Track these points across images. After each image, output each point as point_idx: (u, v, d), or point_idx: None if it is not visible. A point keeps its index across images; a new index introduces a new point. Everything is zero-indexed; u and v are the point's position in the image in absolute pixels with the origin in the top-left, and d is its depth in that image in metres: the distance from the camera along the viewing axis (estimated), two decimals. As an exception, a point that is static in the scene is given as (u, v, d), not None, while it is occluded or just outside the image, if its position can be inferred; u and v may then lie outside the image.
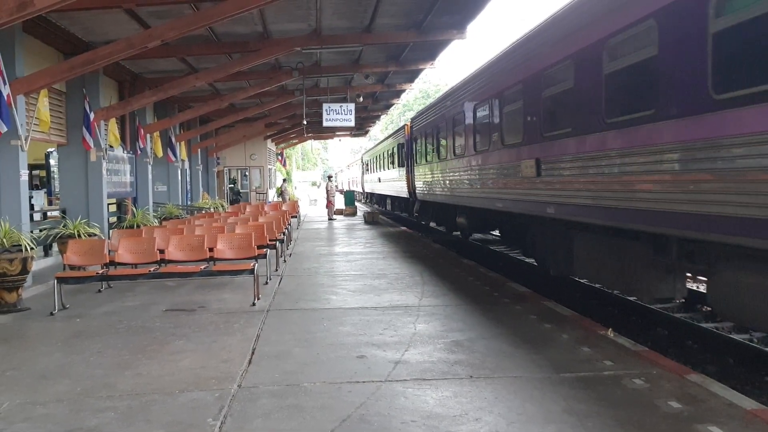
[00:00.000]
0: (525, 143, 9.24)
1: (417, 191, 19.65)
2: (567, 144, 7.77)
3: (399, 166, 23.05)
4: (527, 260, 11.89)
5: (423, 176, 18.37)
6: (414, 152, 19.91)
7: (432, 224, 21.26)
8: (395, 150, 24.03)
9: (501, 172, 10.51)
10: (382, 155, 28.94)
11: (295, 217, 22.36)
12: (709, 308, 8.98)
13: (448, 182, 14.84)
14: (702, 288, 9.60)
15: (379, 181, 30.34)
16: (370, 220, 24.16)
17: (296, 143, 48.75)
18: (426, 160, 17.72)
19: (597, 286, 10.07)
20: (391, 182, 25.60)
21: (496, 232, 15.05)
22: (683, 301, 6.56)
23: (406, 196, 22.20)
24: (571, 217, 7.81)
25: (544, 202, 8.60)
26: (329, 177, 31.48)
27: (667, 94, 5.68)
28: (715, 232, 5.12)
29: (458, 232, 17.32)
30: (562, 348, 5.94)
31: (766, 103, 4.54)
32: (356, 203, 33.15)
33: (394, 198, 27.81)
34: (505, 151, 10.21)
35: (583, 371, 5.19)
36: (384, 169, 28.06)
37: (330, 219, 26.34)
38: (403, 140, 22.06)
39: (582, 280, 10.51)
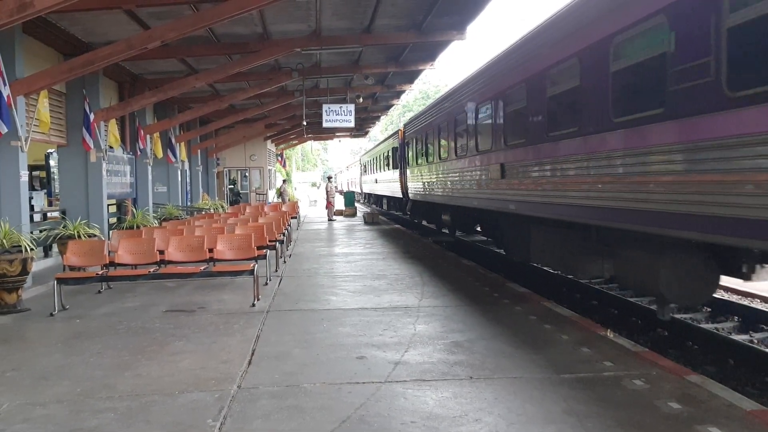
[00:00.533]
0: (493, 150, 10.87)
1: (409, 192, 21.13)
2: (523, 151, 9.33)
3: (393, 168, 24.59)
4: (497, 250, 13.47)
5: (414, 178, 19.83)
6: (406, 155, 21.35)
7: (423, 222, 22.63)
8: (390, 153, 25.60)
9: (476, 175, 12.10)
10: (378, 158, 30.49)
11: (295, 217, 22.36)
12: (709, 309, 9.02)
13: (435, 183, 16.45)
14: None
15: (376, 182, 31.97)
16: (370, 220, 24.17)
17: (296, 144, 48.75)
18: (417, 163, 19.25)
19: (549, 269, 11.84)
20: (387, 183, 27.23)
21: (486, 233, 16.10)
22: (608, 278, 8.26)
23: (399, 196, 23.64)
24: (527, 212, 9.36)
25: (507, 200, 10.16)
26: (329, 178, 31.48)
27: (581, 119, 7.39)
28: (616, 221, 6.71)
29: (446, 230, 18.51)
30: (561, 349, 5.94)
31: (636, 127, 6.17)
32: (356, 204, 33.23)
33: (389, 198, 29.61)
34: (478, 156, 11.87)
35: (583, 372, 5.19)
36: (380, 171, 29.71)
37: (330, 220, 26.34)
38: (397, 144, 23.52)
39: (547, 268, 11.71)
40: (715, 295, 8.60)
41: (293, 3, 11.32)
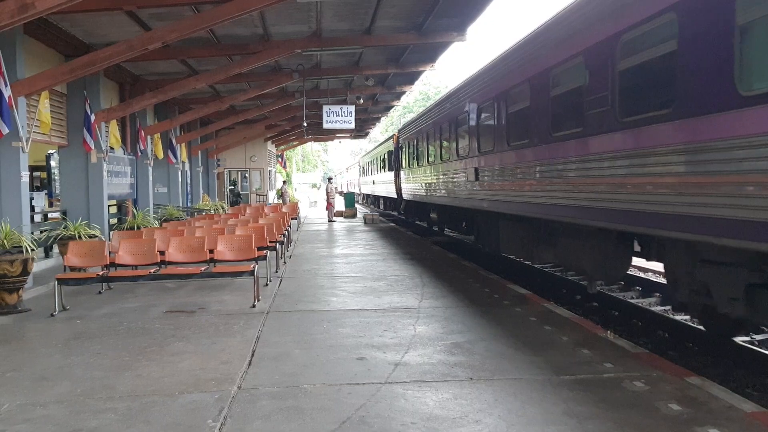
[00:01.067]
0: (469, 156, 12.64)
1: (403, 192, 23.15)
2: (491, 158, 11.14)
3: (388, 170, 26.27)
4: (469, 240, 14.99)
5: (407, 180, 21.82)
6: (400, 159, 23.28)
7: (417, 221, 24.51)
8: (386, 156, 27.28)
9: (456, 177, 13.88)
10: (375, 160, 32.41)
11: (295, 218, 22.37)
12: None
13: (424, 185, 18.42)
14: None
15: (374, 184, 34.05)
16: (370, 221, 24.17)
17: (296, 145, 48.78)
18: (409, 166, 21.17)
19: (515, 257, 13.67)
20: (383, 184, 29.20)
21: (469, 230, 17.28)
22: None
23: (394, 196, 25.72)
24: (495, 209, 11.14)
25: (481, 199, 11.96)
26: (329, 179, 31.52)
27: (531, 133, 9.19)
28: (552, 215, 8.47)
29: (436, 227, 20.46)
30: (562, 350, 5.94)
31: (564, 142, 8.00)
32: (356, 205, 33.34)
33: (385, 198, 31.90)
34: (458, 161, 13.61)
35: (583, 373, 5.20)
36: (377, 173, 31.64)
37: (330, 221, 26.35)
38: (391, 148, 25.31)
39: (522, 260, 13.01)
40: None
41: (294, 4, 11.31)
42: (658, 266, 9.03)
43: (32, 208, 13.04)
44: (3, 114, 9.44)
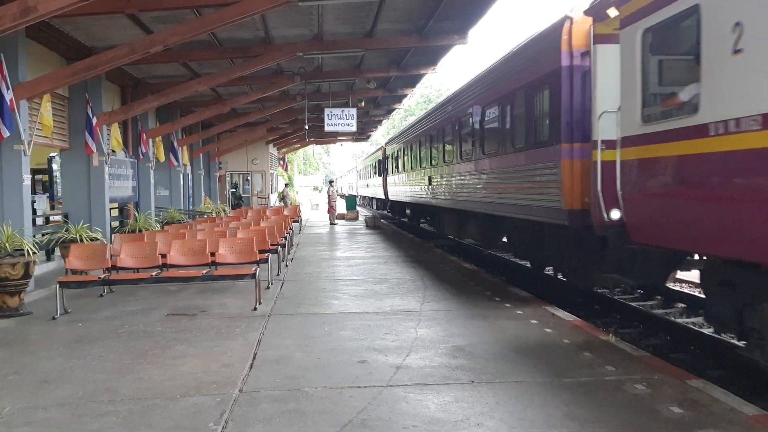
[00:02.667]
0: (426, 167, 17.97)
1: (389, 194, 28.13)
2: (435, 170, 16.59)
3: (378, 176, 31.07)
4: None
5: (391, 184, 26.85)
6: (386, 167, 28.11)
7: (403, 219, 28.99)
8: (376, 164, 32.26)
9: (419, 183, 19.39)
10: (369, 167, 37.46)
11: (297, 221, 22.37)
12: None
13: (402, 188, 23.73)
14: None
15: (368, 187, 38.76)
16: (371, 224, 24.17)
17: (298, 148, 48.82)
18: (393, 173, 26.30)
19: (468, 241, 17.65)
20: (375, 187, 34.14)
21: (431, 223, 22.89)
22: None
23: (383, 197, 30.82)
24: (440, 205, 16.51)
25: (433, 199, 17.24)
26: (330, 182, 31.55)
27: (459, 152, 13.98)
28: (468, 208, 13.28)
29: (412, 221, 25.90)
30: (563, 353, 5.94)
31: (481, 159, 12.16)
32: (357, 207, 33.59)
33: (377, 199, 37.25)
34: (420, 170, 19.09)
35: (585, 376, 5.19)
36: (370, 178, 36.47)
37: (332, 223, 26.34)
38: (381, 157, 30.24)
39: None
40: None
41: (295, 7, 11.32)
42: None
43: (34, 211, 13.08)
44: (5, 117, 9.46)
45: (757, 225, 4.70)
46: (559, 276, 10.70)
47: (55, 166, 18.75)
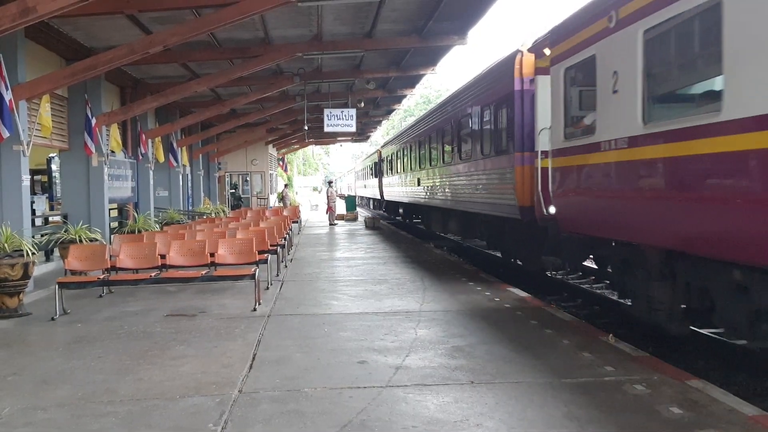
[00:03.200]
0: (415, 170, 20.16)
1: (384, 195, 30.65)
2: (422, 173, 18.64)
3: (375, 177, 33.39)
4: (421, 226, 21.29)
5: (386, 185, 29.13)
6: (382, 170, 30.43)
7: (397, 218, 31.17)
8: (372, 166, 34.89)
9: (409, 184, 21.62)
10: (366, 169, 40.11)
11: (296, 222, 22.36)
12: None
13: (395, 188, 25.93)
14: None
15: (365, 188, 41.02)
16: (371, 225, 24.16)
17: (297, 148, 48.81)
18: (387, 175, 28.52)
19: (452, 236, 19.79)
20: (371, 188, 36.49)
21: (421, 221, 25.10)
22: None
23: (379, 197, 33.73)
24: (428, 203, 18.55)
25: (422, 198, 19.20)
26: (329, 183, 31.55)
27: (434, 158, 17.02)
28: (447, 206, 15.91)
29: (405, 219, 28.37)
30: (563, 353, 5.94)
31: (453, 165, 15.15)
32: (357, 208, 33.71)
33: (373, 199, 39.73)
34: (410, 172, 21.24)
35: (584, 377, 5.19)
36: (367, 179, 38.95)
37: (331, 224, 26.33)
38: (376, 160, 32.59)
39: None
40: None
41: (295, 8, 11.33)
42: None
43: (33, 212, 13.06)
44: (4, 117, 9.45)
45: (636, 216, 6.37)
46: (519, 262, 12.69)
47: (54, 167, 18.73)
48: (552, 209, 8.55)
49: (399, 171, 24.08)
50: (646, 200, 6.15)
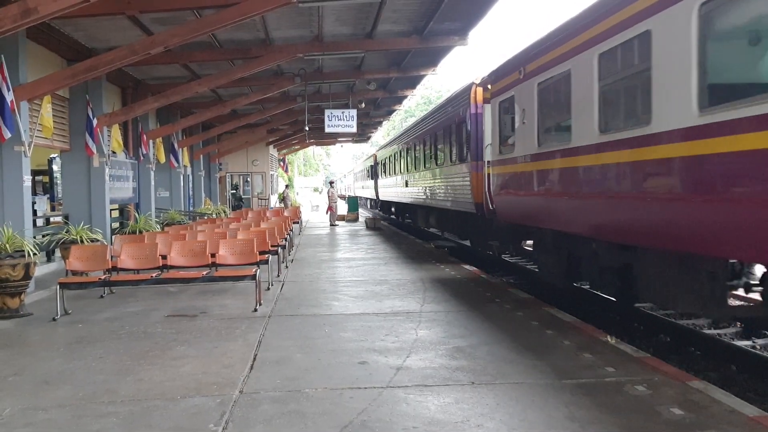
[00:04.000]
0: (404, 173, 22.82)
1: (379, 195, 33.43)
2: (411, 176, 20.97)
3: (371, 179, 36.54)
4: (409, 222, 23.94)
5: (381, 186, 32.07)
6: (377, 172, 33.18)
7: (391, 216, 33.49)
8: (369, 169, 37.74)
9: (399, 185, 24.50)
10: (363, 171, 43.22)
11: (297, 222, 22.37)
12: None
13: (388, 190, 28.94)
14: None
15: (363, 188, 44.00)
16: (371, 225, 24.17)
17: (298, 149, 48.83)
18: (382, 177, 31.31)
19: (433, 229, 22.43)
20: (368, 189, 39.32)
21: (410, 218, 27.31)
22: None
23: (375, 198, 36.31)
24: (412, 202, 21.49)
25: (411, 198, 21.51)
26: (331, 183, 31.54)
27: (418, 163, 20.05)
28: (430, 204, 18.39)
29: (399, 218, 30.26)
30: (563, 354, 5.93)
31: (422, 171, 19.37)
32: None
33: (371, 200, 41.79)
34: (400, 176, 23.80)
35: (585, 378, 5.19)
36: (365, 180, 41.84)
37: (332, 225, 26.34)
38: (372, 163, 35.86)
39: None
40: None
41: (296, 9, 11.34)
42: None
43: (34, 212, 13.08)
44: (5, 118, 9.46)
45: (538, 209, 9.10)
46: (480, 248, 15.62)
47: (55, 168, 18.76)
48: (492, 205, 11.48)
49: (391, 174, 27.37)
50: (542, 197, 8.89)
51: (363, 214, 34.90)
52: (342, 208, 32.51)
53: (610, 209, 6.92)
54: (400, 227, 25.85)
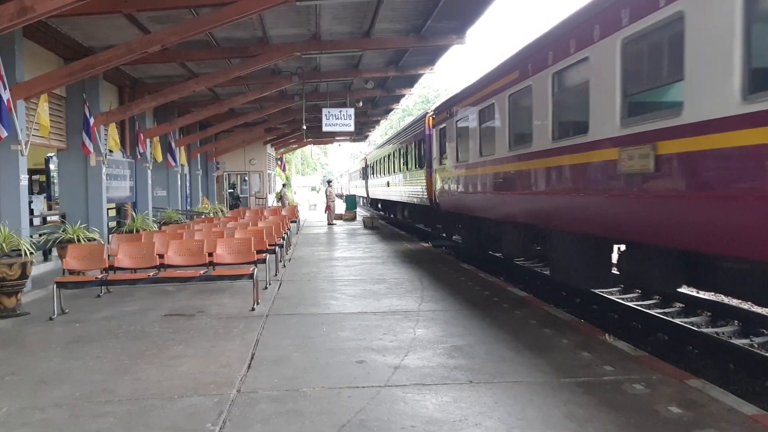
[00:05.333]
0: (390, 173, 26.27)
1: (369, 193, 37.48)
2: (391, 178, 26.24)
3: (362, 179, 40.83)
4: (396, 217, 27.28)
5: (371, 185, 35.92)
6: (368, 172, 37.17)
7: (382, 213, 36.38)
8: (361, 170, 42.17)
9: (384, 185, 28.50)
10: (357, 171, 48.05)
11: (295, 221, 22.35)
12: (709, 313, 9.01)
13: (376, 189, 33.18)
14: (702, 294, 9.61)
15: (356, 187, 48.20)
16: (369, 225, 24.16)
17: (296, 148, 48.77)
18: (372, 176, 35.01)
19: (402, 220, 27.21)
20: (360, 188, 43.61)
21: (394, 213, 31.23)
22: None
23: (366, 196, 40.19)
24: (395, 200, 26.17)
25: (395, 195, 25.37)
26: (329, 182, 31.52)
27: (392, 167, 26.11)
28: (405, 200, 23.53)
29: (388, 214, 33.49)
30: (562, 353, 5.93)
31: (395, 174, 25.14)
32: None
33: (363, 197, 45.71)
34: (389, 176, 26.67)
35: (583, 376, 5.19)
36: (357, 180, 46.78)
37: (329, 224, 26.33)
38: (363, 165, 40.33)
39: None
40: (715, 299, 9.42)
41: (293, 7, 11.32)
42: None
43: (31, 212, 13.02)
44: (2, 117, 9.43)
45: (458, 201, 13.88)
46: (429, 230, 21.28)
47: (52, 167, 18.69)
48: (436, 200, 16.33)
49: (377, 175, 31.97)
50: (461, 194, 13.52)
51: (360, 213, 34.89)
52: (340, 207, 32.51)
53: (490, 201, 11.47)
54: (398, 226, 25.82)
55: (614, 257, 8.63)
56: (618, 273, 8.52)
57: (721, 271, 6.34)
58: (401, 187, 23.32)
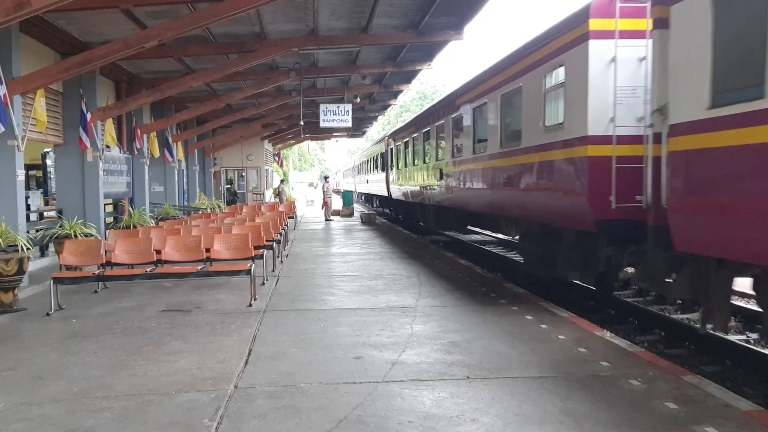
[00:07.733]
0: (384, 170, 27.50)
1: (357, 189, 43.68)
2: (386, 174, 27.14)
3: (353, 177, 47.62)
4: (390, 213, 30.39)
5: (359, 183, 42.14)
6: (357, 171, 43.45)
7: (373, 208, 39.91)
8: (350, 170, 51.00)
9: (365, 182, 38.08)
10: (348, 170, 55.01)
11: (292, 217, 22.35)
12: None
13: (362, 185, 39.55)
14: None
15: (347, 184, 53.75)
16: (367, 221, 24.16)
17: (293, 144, 48.70)
18: (360, 174, 40.98)
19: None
20: (351, 185, 49.01)
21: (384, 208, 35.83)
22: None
23: (355, 190, 45.14)
24: (374, 193, 34.65)
25: (373, 190, 34.12)
26: (326, 178, 31.49)
27: (381, 165, 29.61)
28: (380, 196, 32.67)
29: (378, 209, 37.03)
30: (558, 349, 5.95)
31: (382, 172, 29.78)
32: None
33: (353, 192, 49.32)
34: (382, 173, 28.40)
35: (580, 372, 5.20)
36: (348, 178, 53.58)
37: (327, 220, 26.32)
38: (352, 166, 48.98)
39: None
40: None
41: (291, 2, 11.30)
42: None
43: (28, 207, 13.00)
44: (-2, 112, 9.40)
45: (416, 194, 19.65)
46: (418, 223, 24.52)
47: (49, 162, 18.63)
48: (391, 193, 24.96)
49: (361, 174, 40.74)
50: (401, 187, 22.63)
51: (358, 209, 34.88)
52: (337, 202, 32.50)
53: (412, 192, 19.51)
54: (396, 222, 25.85)
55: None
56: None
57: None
58: (373, 184, 32.54)
